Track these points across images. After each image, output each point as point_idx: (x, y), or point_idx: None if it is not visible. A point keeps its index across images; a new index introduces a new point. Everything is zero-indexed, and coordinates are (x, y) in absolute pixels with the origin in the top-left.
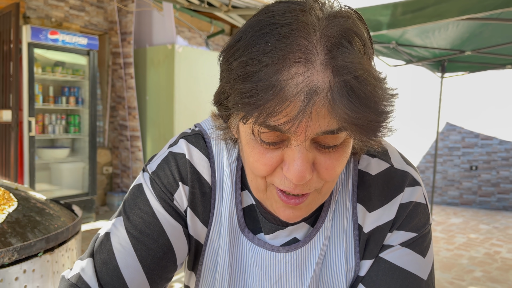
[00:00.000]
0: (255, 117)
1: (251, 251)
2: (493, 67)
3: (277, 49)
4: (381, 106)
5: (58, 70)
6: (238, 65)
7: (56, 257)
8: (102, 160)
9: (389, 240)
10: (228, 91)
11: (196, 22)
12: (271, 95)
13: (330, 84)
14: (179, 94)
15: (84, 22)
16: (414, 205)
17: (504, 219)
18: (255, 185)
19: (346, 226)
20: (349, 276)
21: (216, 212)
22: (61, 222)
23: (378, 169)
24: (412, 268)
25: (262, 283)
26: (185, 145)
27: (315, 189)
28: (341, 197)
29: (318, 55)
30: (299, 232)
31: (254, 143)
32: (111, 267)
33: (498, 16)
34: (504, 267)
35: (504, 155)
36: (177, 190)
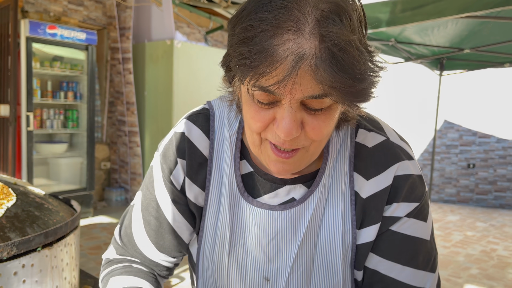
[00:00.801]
0: (250, 77)
1: (250, 211)
2: (491, 65)
3: (272, 18)
4: (359, 74)
5: (57, 64)
6: (240, 30)
7: (55, 252)
8: (100, 155)
9: (395, 212)
10: (231, 54)
11: (195, 17)
12: (263, 57)
13: (315, 51)
14: (177, 89)
15: (83, 16)
16: (412, 178)
17: (500, 217)
18: (251, 140)
19: (344, 191)
20: (346, 238)
21: (213, 178)
22: (60, 217)
23: (374, 141)
24: (418, 234)
25: (260, 240)
26: (186, 124)
27: (303, 147)
28: (338, 165)
29: (308, 25)
30: (297, 193)
31: (251, 102)
32: (128, 232)
33: (497, 14)
34: (500, 264)
35: (502, 153)
36: (175, 167)
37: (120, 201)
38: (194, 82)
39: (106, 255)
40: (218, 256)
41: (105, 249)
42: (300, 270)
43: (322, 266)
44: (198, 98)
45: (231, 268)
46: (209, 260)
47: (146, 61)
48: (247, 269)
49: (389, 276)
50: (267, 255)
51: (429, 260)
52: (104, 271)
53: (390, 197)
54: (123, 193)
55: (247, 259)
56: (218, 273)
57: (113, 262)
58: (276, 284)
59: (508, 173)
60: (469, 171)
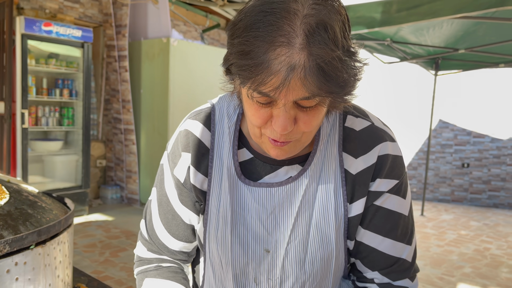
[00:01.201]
0: (249, 85)
1: (249, 191)
2: (486, 66)
3: (265, 35)
4: (342, 82)
5: (52, 62)
6: (238, 43)
7: (48, 250)
8: (95, 153)
9: (379, 187)
10: (231, 60)
11: (192, 16)
12: (260, 70)
13: (304, 64)
14: (173, 87)
15: (79, 14)
16: (393, 157)
17: (494, 216)
18: (253, 132)
19: (335, 170)
20: (338, 212)
21: (214, 165)
22: (53, 215)
23: (361, 126)
24: (397, 208)
25: (259, 215)
26: (189, 122)
27: (296, 138)
28: (329, 147)
29: (297, 39)
30: (294, 172)
31: (251, 102)
32: (150, 227)
33: (492, 15)
34: (493, 263)
35: (496, 153)
36: (179, 161)
37: (116, 199)
38: (190, 80)
39: (137, 252)
40: (222, 235)
41: (100, 247)
42: (297, 240)
43: (317, 236)
44: (194, 96)
45: (234, 245)
46: (213, 240)
47: (142, 59)
48: (248, 243)
49: (370, 246)
50: (267, 228)
51: (406, 234)
52: (138, 268)
53: (375, 173)
54: (118, 191)
55: (248, 234)
56: (222, 251)
57: (145, 261)
58: (276, 254)
59: (502, 173)
60: (463, 171)
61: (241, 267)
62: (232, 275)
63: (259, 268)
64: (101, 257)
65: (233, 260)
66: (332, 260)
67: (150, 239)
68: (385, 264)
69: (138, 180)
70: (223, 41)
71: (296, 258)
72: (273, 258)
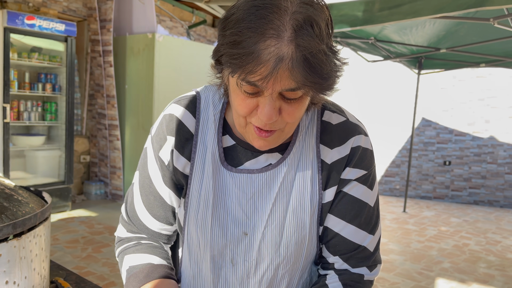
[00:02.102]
0: (239, 74)
1: (231, 177)
2: (468, 65)
3: (257, 26)
4: (326, 74)
5: (35, 56)
6: (230, 34)
7: (24, 242)
8: (79, 148)
9: (348, 175)
10: (222, 51)
11: (178, 11)
12: (250, 59)
13: (292, 55)
14: (158, 83)
15: (62, 7)
16: (363, 149)
17: (474, 213)
18: (238, 122)
19: (312, 159)
20: (314, 199)
21: (198, 150)
22: (29, 208)
23: (337, 120)
24: (363, 197)
25: (239, 200)
26: (174, 106)
27: (280, 128)
28: (307, 138)
29: (286, 32)
30: (273, 159)
31: (238, 91)
32: (132, 208)
33: (473, 15)
34: (471, 259)
35: (476, 151)
36: (164, 144)
37: (100, 194)
38: (176, 76)
39: (117, 234)
40: (202, 218)
41: (82, 242)
42: (274, 225)
43: (293, 221)
44: (179, 92)
45: (214, 227)
46: (193, 222)
47: (127, 54)
48: (227, 226)
49: (334, 230)
50: (246, 212)
51: (370, 223)
52: (118, 249)
53: (346, 163)
54: (102, 186)
55: (228, 217)
56: (201, 232)
57: (124, 240)
58: (253, 237)
59: (482, 171)
60: (445, 168)
61: (219, 249)
62: (210, 256)
63: (236, 249)
64: (83, 253)
65: (212, 242)
66: (305, 244)
67: (130, 221)
68: (345, 249)
69: (123, 176)
70: (209, 37)
71: (272, 241)
72: (250, 240)
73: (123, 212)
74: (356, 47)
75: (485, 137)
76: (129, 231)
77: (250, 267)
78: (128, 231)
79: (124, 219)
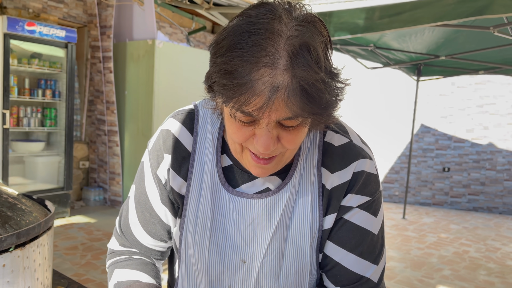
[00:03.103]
0: (232, 104)
1: (230, 200)
2: (466, 72)
3: (249, 55)
4: (325, 104)
5: (35, 62)
6: (221, 62)
7: (27, 252)
8: (78, 154)
9: (349, 202)
10: (214, 79)
11: (178, 18)
12: (243, 90)
13: (287, 85)
14: (158, 89)
15: (63, 14)
16: (367, 174)
17: (473, 220)
18: (233, 149)
19: (313, 184)
20: (314, 226)
21: (195, 170)
22: (33, 217)
23: (339, 142)
24: (366, 225)
25: (238, 225)
26: (172, 122)
27: (280, 152)
28: (308, 161)
29: (281, 59)
30: (271, 183)
31: (233, 120)
32: (126, 222)
33: (471, 23)
34: (471, 266)
35: (475, 158)
36: (162, 162)
37: (99, 201)
38: (175, 83)
39: (110, 246)
40: (199, 241)
41: (81, 249)
42: (274, 254)
43: (293, 250)
44: (178, 98)
45: (212, 251)
46: (190, 245)
47: (127, 61)
48: (225, 252)
49: (334, 259)
50: (245, 239)
51: (373, 252)
52: (109, 261)
53: (348, 189)
54: (101, 193)
55: (226, 243)
56: (199, 256)
57: (116, 253)
58: (251, 265)
59: (481, 177)
60: (444, 175)
61: (216, 274)
62: (208, 281)
63: (234, 277)
64: (82, 260)
65: (209, 267)
66: (307, 273)
67: (122, 234)
68: (347, 281)
69: (122, 182)
70: (209, 43)
71: (271, 271)
72: (249, 269)
73: (117, 225)
74: (355, 54)
75: (484, 144)
76: (122, 244)
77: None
78: (121, 244)
79: (117, 232)
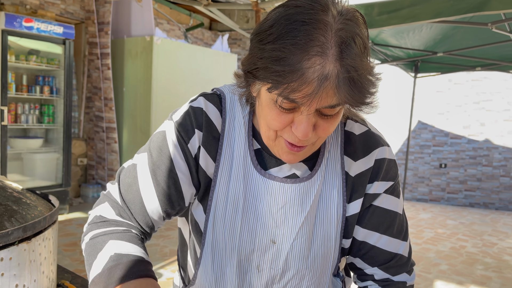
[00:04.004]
0: (280, 91)
1: (263, 182)
2: (464, 69)
3: (302, 43)
4: (369, 92)
5: (32, 58)
6: (271, 48)
7: (33, 246)
8: (76, 151)
9: (376, 189)
10: (259, 65)
11: (175, 14)
12: (295, 77)
13: (338, 74)
14: (156, 86)
15: (60, 10)
16: (388, 161)
17: (470, 215)
18: (267, 135)
19: (337, 171)
20: (339, 211)
21: (224, 152)
22: (38, 211)
23: (360, 130)
24: (393, 207)
25: (270, 208)
26: (203, 101)
27: (312, 142)
28: (332, 149)
29: (331, 50)
30: (298, 169)
31: (273, 106)
32: (134, 189)
33: (469, 19)
34: (468, 261)
35: (472, 154)
36: (192, 136)
37: (97, 197)
38: (173, 79)
39: (101, 213)
40: (231, 221)
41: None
42: (304, 237)
43: (320, 233)
44: (177, 95)
45: (243, 231)
46: (220, 225)
47: (125, 57)
48: (256, 232)
49: (369, 243)
50: (275, 221)
51: (402, 231)
52: (100, 229)
53: (372, 176)
54: (99, 189)
55: (257, 223)
56: (230, 235)
57: (111, 223)
58: (281, 246)
59: (477, 173)
60: (441, 171)
61: (246, 254)
62: (237, 261)
63: (263, 256)
64: (81, 256)
65: (240, 246)
66: (331, 256)
67: (124, 204)
68: (383, 260)
69: None
70: (207, 40)
71: (300, 253)
72: (278, 249)
73: (116, 193)
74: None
75: (481, 140)
76: (119, 215)
77: (275, 275)
78: (118, 214)
79: (116, 201)
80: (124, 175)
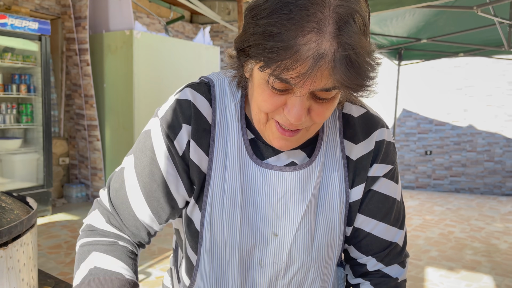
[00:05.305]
0: (272, 69)
1: (260, 172)
2: (447, 55)
3: (298, 18)
4: (368, 75)
5: (7, 56)
6: (265, 23)
7: (10, 252)
8: (58, 150)
9: (375, 172)
10: (252, 42)
11: (155, 7)
12: (288, 54)
13: (334, 53)
14: (138, 81)
15: (35, 5)
16: (387, 143)
17: (456, 201)
18: (257, 118)
19: (337, 156)
20: (342, 198)
21: (217, 144)
22: (14, 215)
23: (358, 112)
24: (391, 193)
25: (270, 198)
26: (190, 92)
27: (305, 127)
28: (331, 134)
29: (328, 27)
30: (296, 157)
31: (265, 87)
32: (122, 194)
33: (453, 3)
34: (457, 246)
35: (456, 140)
36: (179, 132)
37: (81, 197)
38: (155, 74)
39: (91, 222)
40: (229, 216)
41: (65, 247)
42: (307, 227)
43: (324, 222)
44: (159, 89)
45: (244, 226)
46: (218, 221)
47: (104, 52)
48: (257, 225)
49: (365, 230)
50: (276, 212)
51: (399, 218)
52: (87, 239)
53: (372, 159)
54: (83, 189)
55: (257, 216)
56: (229, 231)
57: (98, 232)
58: (284, 239)
59: (462, 159)
60: (426, 158)
61: (248, 249)
62: (238, 258)
63: (265, 250)
64: (67, 258)
65: (241, 242)
66: (336, 246)
67: (114, 210)
68: (378, 248)
69: (104, 177)
70: (188, 33)
71: (304, 244)
72: (281, 242)
73: (105, 199)
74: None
75: (464, 126)
76: (109, 222)
77: (279, 270)
78: (108, 222)
79: (106, 207)
80: (113, 180)
